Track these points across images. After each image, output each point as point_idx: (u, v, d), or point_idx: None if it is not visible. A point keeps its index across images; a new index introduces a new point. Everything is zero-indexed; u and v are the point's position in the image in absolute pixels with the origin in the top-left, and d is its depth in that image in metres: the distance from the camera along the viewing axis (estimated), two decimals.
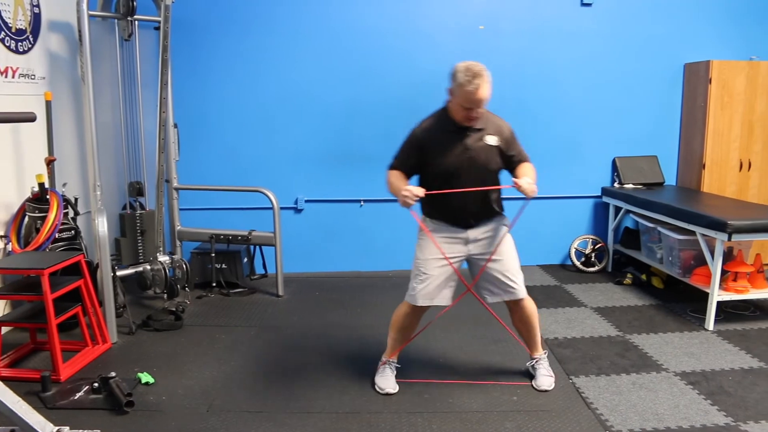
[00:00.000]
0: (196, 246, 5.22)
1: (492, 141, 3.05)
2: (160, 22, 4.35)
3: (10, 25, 4.01)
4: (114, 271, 4.13)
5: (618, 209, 5.53)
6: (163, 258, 4.61)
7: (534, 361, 3.43)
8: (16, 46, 4.07)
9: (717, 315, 4.23)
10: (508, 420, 2.99)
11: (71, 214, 4.26)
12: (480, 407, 3.12)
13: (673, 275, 4.80)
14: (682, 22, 5.52)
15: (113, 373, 3.20)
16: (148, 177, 5.03)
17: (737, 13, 5.53)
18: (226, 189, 5.29)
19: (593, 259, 5.66)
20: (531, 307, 3.32)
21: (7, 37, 3.98)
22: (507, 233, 3.19)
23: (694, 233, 4.34)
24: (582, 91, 5.54)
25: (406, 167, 3.13)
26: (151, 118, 4.87)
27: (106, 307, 3.93)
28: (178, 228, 5.09)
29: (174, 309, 4.37)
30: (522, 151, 3.17)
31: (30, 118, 3.18)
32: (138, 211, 4.98)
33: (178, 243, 5.10)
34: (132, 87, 4.98)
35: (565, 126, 5.58)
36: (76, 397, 3.17)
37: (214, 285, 5.01)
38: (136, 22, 4.80)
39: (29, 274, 3.50)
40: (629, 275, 5.28)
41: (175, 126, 4.99)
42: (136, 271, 4.73)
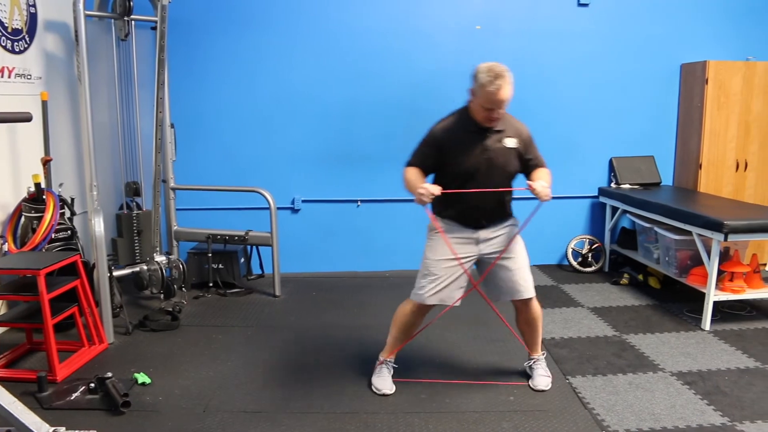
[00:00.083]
0: (193, 246, 5.22)
1: (511, 143, 3.05)
2: (156, 22, 4.34)
3: (6, 24, 4.00)
4: (110, 271, 4.12)
5: (615, 209, 5.54)
6: (160, 258, 4.60)
7: (532, 361, 3.43)
8: (12, 46, 4.06)
9: (713, 315, 4.24)
10: (505, 420, 3.00)
11: (68, 214, 4.26)
12: (477, 407, 3.12)
13: (669, 275, 4.81)
14: (679, 23, 5.53)
15: (110, 374, 3.21)
16: (144, 177, 5.03)
17: (734, 14, 5.54)
18: (223, 189, 5.28)
19: (590, 259, 5.67)
20: (538, 309, 3.33)
21: (3, 37, 3.97)
22: (518, 233, 3.19)
23: (690, 233, 4.35)
24: (579, 91, 5.54)
25: (424, 165, 3.10)
26: (148, 118, 4.86)
27: (102, 307, 3.92)
28: (175, 228, 5.09)
29: (171, 309, 4.37)
30: (539, 156, 3.17)
31: (26, 118, 3.18)
32: (135, 212, 4.97)
33: (174, 243, 5.09)
34: (129, 87, 4.98)
35: (562, 126, 5.59)
36: (72, 398, 3.16)
37: (211, 285, 5.00)
38: (133, 22, 4.80)
39: (25, 275, 3.49)
40: (626, 275, 5.29)
41: (171, 126, 4.99)
42: (132, 272, 4.73)
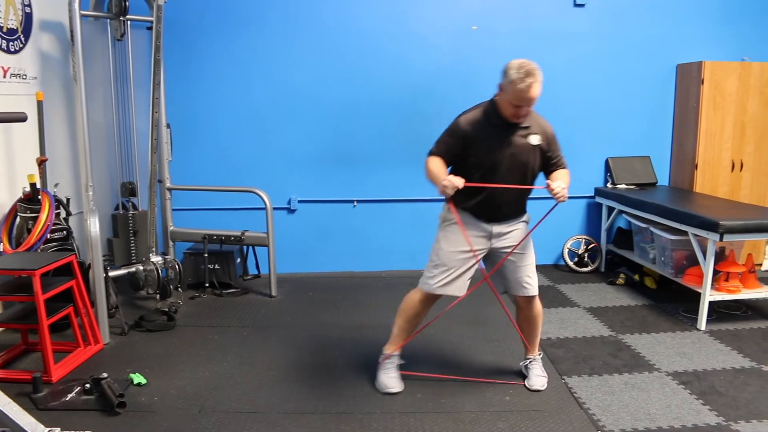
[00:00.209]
0: (188, 246, 5.20)
1: (535, 140, 3.05)
2: (152, 22, 4.33)
3: (1, 24, 3.99)
4: (106, 271, 4.12)
5: (611, 209, 5.54)
6: (156, 258, 4.59)
7: (528, 360, 3.43)
8: (8, 46, 4.05)
9: (709, 315, 4.24)
10: (501, 420, 3.00)
11: (63, 214, 4.24)
12: (473, 407, 3.12)
13: (665, 275, 4.82)
14: (675, 23, 5.54)
15: (105, 374, 3.20)
16: (140, 177, 5.01)
17: (729, 14, 5.55)
18: (219, 189, 5.27)
19: (586, 259, 5.67)
20: (539, 307, 3.34)
21: None
22: (531, 231, 3.20)
23: (686, 233, 4.36)
24: (575, 91, 5.55)
25: (447, 156, 3.08)
26: (144, 118, 4.85)
27: (98, 307, 3.92)
28: (171, 228, 5.08)
29: (166, 309, 4.36)
30: (561, 156, 3.18)
31: (21, 118, 3.18)
32: (130, 212, 4.96)
33: (170, 243, 5.09)
34: (124, 87, 4.96)
35: (559, 126, 5.45)
36: (67, 399, 3.16)
37: (207, 285, 5.00)
38: (129, 22, 4.79)
39: (21, 275, 3.48)
40: (622, 275, 5.30)
41: (167, 126, 4.98)
42: (128, 272, 4.71)
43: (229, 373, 3.53)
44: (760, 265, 5.53)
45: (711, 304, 4.26)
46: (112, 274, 4.40)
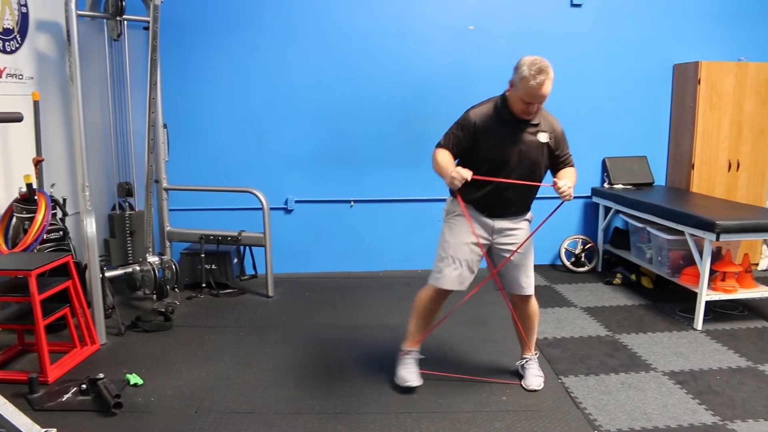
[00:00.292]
0: (185, 247, 5.20)
1: (543, 138, 3.06)
2: (149, 22, 4.33)
3: None
4: (103, 272, 4.11)
5: (608, 209, 5.55)
6: (153, 259, 4.59)
7: (524, 360, 3.43)
8: (4, 46, 4.04)
9: (706, 315, 4.25)
10: (498, 420, 3.00)
11: (59, 214, 4.23)
12: (469, 407, 3.12)
13: (662, 275, 4.83)
14: (671, 23, 5.54)
15: (101, 375, 3.19)
16: (137, 177, 5.00)
17: (726, 14, 5.56)
18: (216, 189, 5.27)
19: (583, 259, 5.68)
20: (535, 306, 3.35)
21: None
22: (535, 231, 3.20)
23: (683, 233, 4.37)
24: (572, 91, 5.54)
25: (455, 148, 3.08)
26: (141, 118, 4.84)
27: (94, 308, 3.91)
28: (168, 228, 5.07)
29: (163, 310, 4.35)
30: (569, 154, 3.18)
31: (17, 119, 3.18)
32: (127, 212, 4.95)
33: (167, 244, 5.08)
34: (121, 87, 4.96)
35: None
36: (63, 399, 3.15)
37: (204, 286, 4.99)
38: (125, 22, 4.78)
39: (17, 275, 3.48)
40: (619, 275, 5.30)
41: (164, 126, 4.98)
42: (125, 272, 4.71)
43: (226, 374, 3.52)
44: (757, 264, 5.54)
45: (707, 303, 4.26)
46: (108, 274, 4.39)
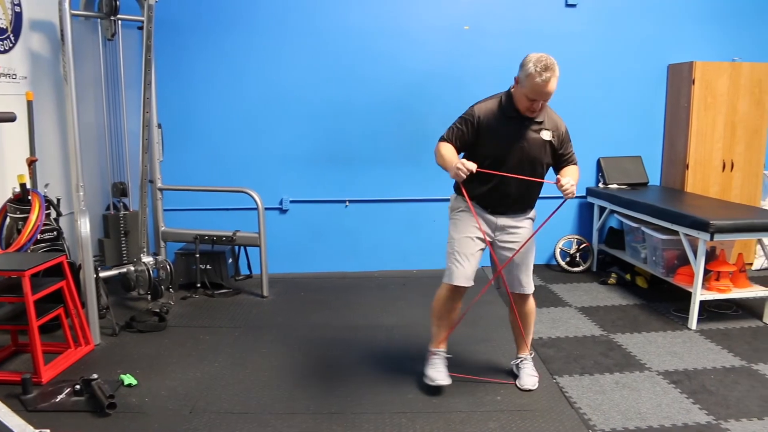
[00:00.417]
0: (180, 247, 5.19)
1: (546, 136, 3.06)
2: (143, 22, 4.32)
3: None
4: (97, 272, 4.10)
5: (602, 209, 5.56)
6: (147, 259, 4.58)
7: (519, 360, 3.44)
8: None
9: (700, 314, 4.26)
10: (492, 420, 3.00)
11: (53, 215, 4.22)
12: (464, 407, 3.12)
13: (656, 275, 4.84)
14: (666, 24, 5.56)
15: (95, 375, 3.18)
16: (131, 177, 5.00)
17: (720, 15, 5.58)
18: (211, 189, 5.26)
19: (578, 259, 5.69)
20: (533, 305, 3.35)
21: None
22: (538, 230, 3.20)
23: (677, 233, 4.38)
24: (567, 91, 5.49)
25: (460, 143, 3.09)
26: (135, 118, 4.84)
27: (88, 308, 3.89)
28: (162, 229, 5.06)
29: (158, 310, 4.34)
30: (572, 153, 3.18)
31: (10, 118, 3.17)
32: (122, 212, 4.94)
33: (162, 244, 5.07)
34: (115, 87, 4.94)
35: None
36: (57, 400, 3.14)
37: (199, 286, 4.98)
38: (119, 22, 4.77)
39: (10, 276, 3.46)
40: (614, 275, 5.31)
41: (158, 126, 4.96)
42: (119, 272, 4.69)
43: (221, 374, 3.52)
44: (751, 264, 5.56)
45: (702, 303, 4.27)
46: (102, 274, 4.38)
